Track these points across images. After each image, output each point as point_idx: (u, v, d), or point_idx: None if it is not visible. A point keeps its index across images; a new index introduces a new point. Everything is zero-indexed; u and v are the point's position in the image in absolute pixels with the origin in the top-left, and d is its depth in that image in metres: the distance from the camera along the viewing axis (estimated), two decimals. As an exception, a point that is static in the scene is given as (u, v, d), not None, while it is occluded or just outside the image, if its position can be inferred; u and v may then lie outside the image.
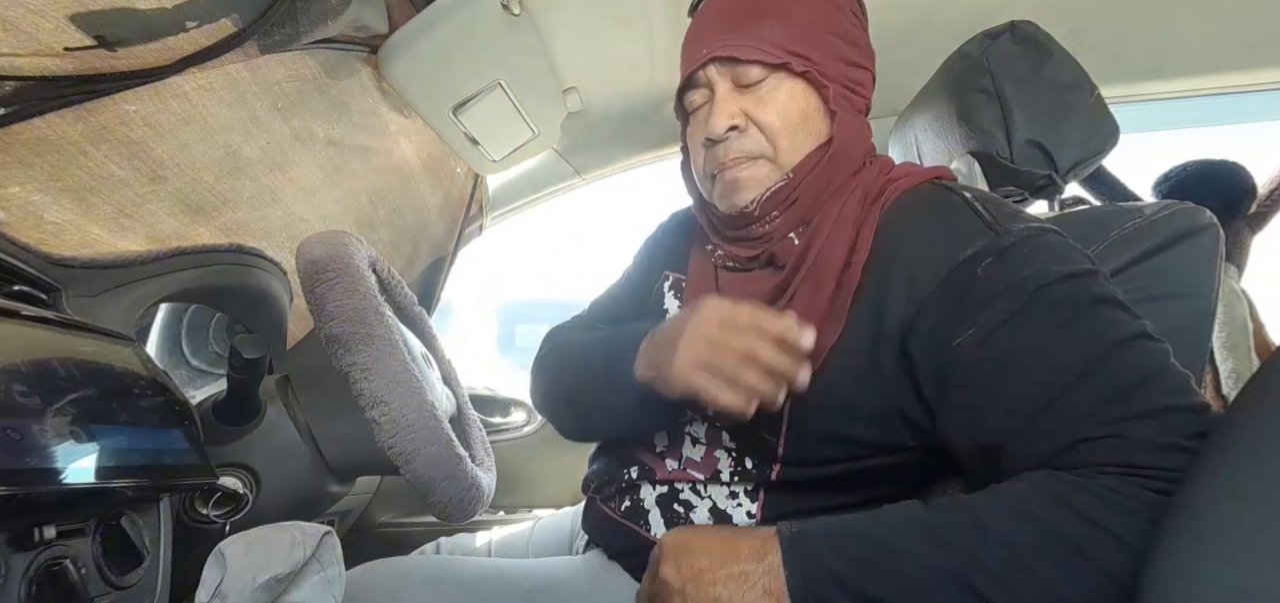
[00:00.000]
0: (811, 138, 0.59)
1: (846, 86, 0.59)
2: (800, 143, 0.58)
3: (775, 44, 0.56)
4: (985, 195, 0.54)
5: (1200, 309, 0.52)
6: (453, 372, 0.94)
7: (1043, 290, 0.46)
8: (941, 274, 0.50)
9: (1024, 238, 0.49)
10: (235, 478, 0.73)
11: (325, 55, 0.76)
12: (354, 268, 0.64)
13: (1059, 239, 0.50)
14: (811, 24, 0.58)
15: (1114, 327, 0.44)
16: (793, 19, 0.57)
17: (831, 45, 0.58)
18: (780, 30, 0.57)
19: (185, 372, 1.04)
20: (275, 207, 0.88)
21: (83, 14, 0.50)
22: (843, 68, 0.59)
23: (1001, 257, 0.49)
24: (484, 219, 1.37)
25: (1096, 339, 0.44)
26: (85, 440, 0.50)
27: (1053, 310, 0.46)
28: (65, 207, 0.64)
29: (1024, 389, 0.45)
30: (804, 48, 0.57)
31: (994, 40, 0.71)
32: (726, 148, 0.59)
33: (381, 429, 0.59)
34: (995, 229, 0.50)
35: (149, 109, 0.62)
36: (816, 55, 0.57)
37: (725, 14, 0.59)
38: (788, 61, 0.56)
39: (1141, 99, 1.14)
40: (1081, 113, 0.69)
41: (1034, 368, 0.45)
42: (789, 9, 0.57)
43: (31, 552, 0.47)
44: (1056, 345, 0.45)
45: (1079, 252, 0.49)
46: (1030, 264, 0.48)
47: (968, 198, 0.54)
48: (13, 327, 0.52)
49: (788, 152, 0.58)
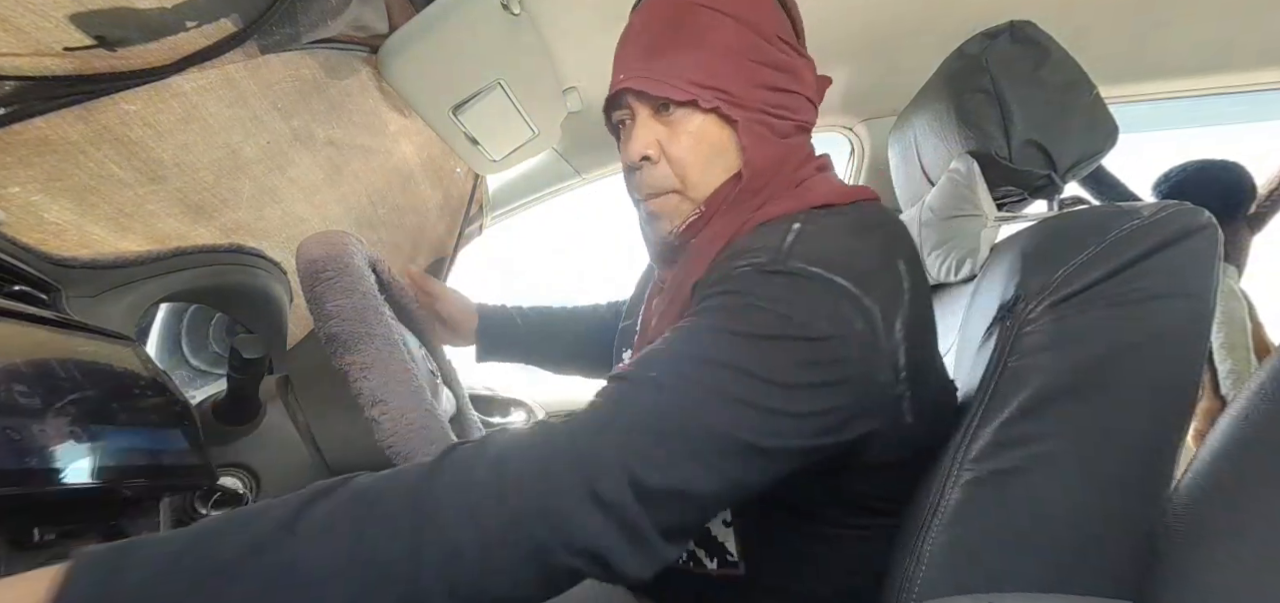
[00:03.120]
0: (723, 170, 0.58)
1: (767, 113, 0.57)
2: (710, 176, 0.58)
3: (686, 78, 0.56)
4: (825, 234, 0.52)
5: (1199, 309, 0.52)
6: (453, 372, 0.94)
7: (694, 316, 0.49)
8: (701, 280, 0.53)
9: (775, 273, 0.48)
10: (235, 478, 0.73)
11: (325, 55, 0.76)
12: (353, 268, 0.64)
13: (812, 292, 0.47)
14: (727, 54, 0.56)
15: (687, 367, 0.45)
16: (706, 49, 0.56)
17: (749, 73, 0.57)
18: (692, 62, 0.56)
19: (185, 372, 1.04)
20: (275, 207, 0.88)
21: (83, 14, 0.50)
22: (763, 94, 0.57)
23: (738, 268, 0.50)
24: (484, 219, 1.37)
25: (668, 361, 0.46)
26: (85, 441, 0.50)
27: (685, 324, 0.48)
28: (65, 207, 0.64)
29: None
30: (717, 79, 0.56)
31: (993, 40, 0.72)
32: (641, 178, 0.60)
33: (381, 429, 0.59)
34: (775, 252, 0.49)
35: (149, 109, 0.62)
36: (733, 86, 0.56)
37: (642, 41, 0.59)
38: (695, 97, 0.56)
39: (1141, 99, 1.14)
40: (1080, 112, 0.69)
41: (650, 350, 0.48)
42: (702, 39, 0.56)
43: (31, 553, 0.47)
44: (657, 348, 0.47)
45: (790, 315, 0.46)
46: (734, 283, 0.49)
47: (797, 229, 0.52)
48: (13, 327, 0.52)
49: (697, 185, 0.58)
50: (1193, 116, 1.28)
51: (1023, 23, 0.72)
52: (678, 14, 0.57)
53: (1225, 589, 0.33)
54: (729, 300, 0.48)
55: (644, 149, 0.58)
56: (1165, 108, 1.18)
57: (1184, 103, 1.16)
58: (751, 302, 0.47)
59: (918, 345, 0.51)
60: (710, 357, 0.45)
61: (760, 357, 0.45)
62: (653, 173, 0.59)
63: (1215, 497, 0.36)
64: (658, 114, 0.58)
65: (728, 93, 0.56)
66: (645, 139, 0.58)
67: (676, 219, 0.60)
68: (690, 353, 0.46)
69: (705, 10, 0.56)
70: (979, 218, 0.69)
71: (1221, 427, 0.37)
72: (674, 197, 0.59)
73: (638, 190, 0.61)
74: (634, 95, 0.59)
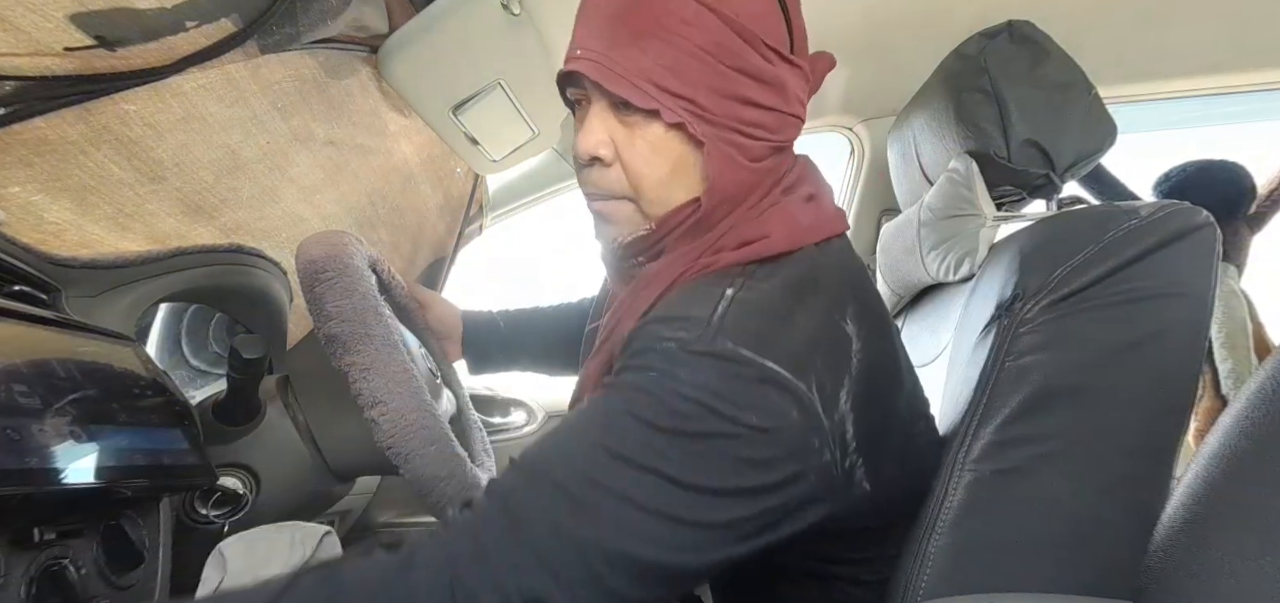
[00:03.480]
0: (682, 190, 0.51)
1: (739, 132, 0.49)
2: (667, 194, 0.51)
3: (650, 79, 0.47)
4: (760, 302, 0.46)
5: (1197, 309, 0.52)
6: (453, 372, 0.94)
7: (609, 388, 0.44)
8: (628, 336, 0.47)
9: (702, 355, 0.42)
10: (235, 478, 0.73)
11: (325, 55, 0.77)
12: (353, 268, 0.64)
13: (741, 378, 0.41)
14: (702, 57, 0.47)
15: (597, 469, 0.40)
16: (678, 48, 0.47)
17: (724, 82, 0.48)
18: (660, 62, 0.47)
19: (185, 372, 1.04)
20: (275, 206, 0.88)
21: (83, 14, 0.50)
22: (736, 109, 0.49)
23: (663, 342, 0.44)
24: (484, 219, 1.37)
25: (575, 456, 0.42)
26: (85, 441, 0.50)
27: (589, 417, 0.44)
28: (65, 207, 0.64)
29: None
30: (686, 87, 0.47)
31: (991, 40, 0.72)
32: (589, 177, 0.53)
33: (381, 429, 0.59)
34: (704, 326, 0.44)
35: (149, 109, 0.62)
36: (703, 97, 0.48)
37: (605, 12, 0.49)
38: (658, 108, 0.48)
39: (1140, 99, 1.14)
40: (1079, 112, 0.69)
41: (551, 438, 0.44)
42: (675, 35, 0.47)
43: (31, 552, 0.47)
44: (549, 447, 0.43)
45: (716, 407, 0.41)
46: (657, 360, 0.43)
47: (729, 296, 0.46)
48: (13, 327, 0.52)
49: (652, 202, 0.51)
50: (1193, 116, 1.28)
51: (1021, 23, 0.72)
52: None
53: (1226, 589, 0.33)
54: (649, 381, 0.42)
55: (596, 148, 0.51)
56: (1165, 108, 1.18)
57: (1184, 103, 1.16)
58: (675, 387, 0.41)
59: (872, 406, 0.47)
60: (624, 454, 0.40)
61: (681, 457, 0.40)
62: (604, 175, 0.52)
63: (1215, 496, 0.36)
64: (615, 109, 0.51)
65: (696, 105, 0.48)
66: (598, 136, 0.51)
67: (625, 228, 0.54)
68: (601, 447, 0.41)
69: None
70: (978, 217, 0.69)
71: (1222, 426, 0.37)
72: (626, 204, 0.53)
73: (586, 187, 0.55)
74: (589, 81, 0.50)
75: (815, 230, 0.52)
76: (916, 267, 0.78)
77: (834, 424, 0.44)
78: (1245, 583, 0.32)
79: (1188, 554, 0.36)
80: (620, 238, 0.54)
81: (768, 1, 0.50)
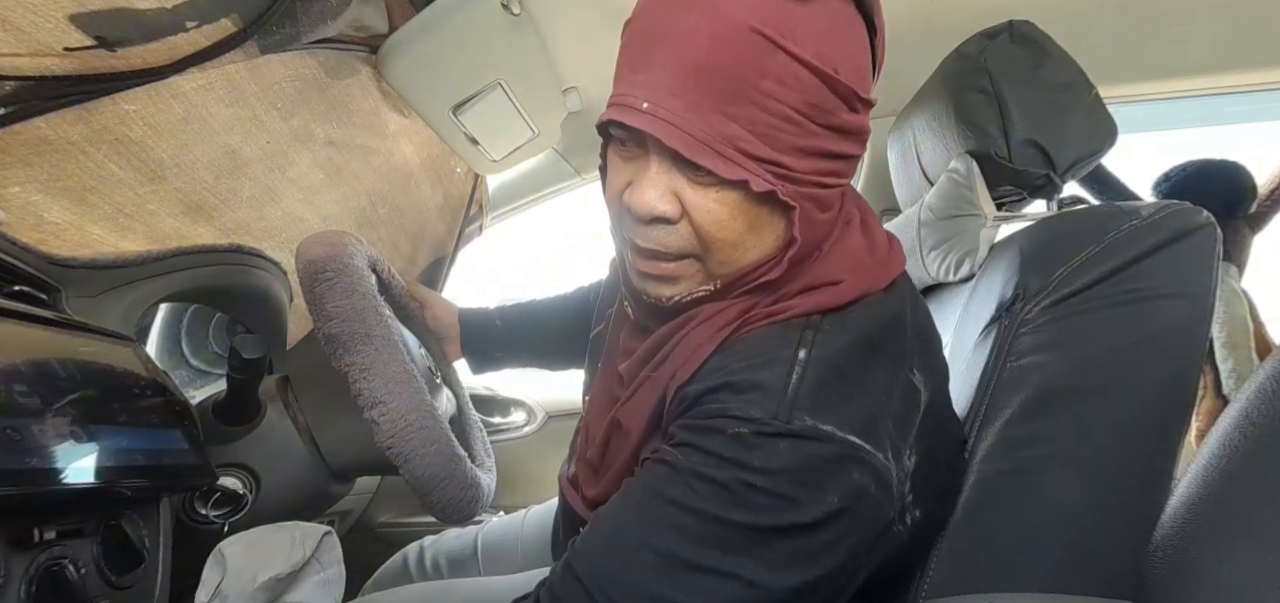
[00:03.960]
0: (756, 249, 0.45)
1: (820, 185, 0.44)
2: (740, 256, 0.45)
3: (737, 146, 0.41)
4: (835, 364, 0.43)
5: (1198, 309, 0.52)
6: (453, 372, 0.94)
7: (664, 462, 0.43)
8: (689, 394, 0.45)
9: (778, 437, 0.40)
10: (235, 478, 0.73)
11: (325, 55, 0.77)
12: (353, 268, 0.64)
13: (821, 458, 0.40)
14: (794, 119, 0.41)
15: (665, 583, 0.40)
16: (770, 112, 0.40)
17: (813, 142, 0.42)
18: (749, 127, 0.40)
19: (185, 372, 1.04)
20: (275, 207, 0.88)
21: (83, 14, 0.50)
22: (820, 163, 0.44)
23: (732, 422, 0.41)
24: (484, 219, 1.37)
25: (639, 568, 0.41)
26: (85, 441, 0.50)
27: (643, 481, 0.43)
28: (65, 207, 0.64)
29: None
30: (773, 152, 0.41)
31: (992, 40, 0.72)
32: (646, 235, 0.45)
33: (380, 429, 0.59)
34: (778, 400, 0.41)
35: (149, 109, 0.62)
36: (788, 159, 0.42)
37: (686, 74, 0.40)
38: (747, 178, 0.41)
39: (1141, 99, 1.14)
40: (1079, 112, 0.69)
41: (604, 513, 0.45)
42: (769, 98, 0.40)
43: (31, 553, 0.47)
44: (612, 511, 0.44)
45: (796, 497, 0.39)
46: (726, 445, 0.41)
47: (803, 360, 0.43)
48: (13, 327, 0.52)
49: (721, 264, 0.46)
50: (1193, 117, 1.28)
51: (1022, 23, 0.72)
52: (737, 50, 0.39)
53: (1226, 589, 0.33)
54: (720, 471, 0.40)
55: (661, 207, 0.43)
56: (1165, 108, 1.18)
57: (1184, 103, 1.16)
58: (749, 480, 0.39)
59: (930, 453, 0.46)
60: (699, 564, 0.39)
61: (760, 555, 0.39)
62: (666, 234, 0.45)
63: (1216, 496, 0.36)
64: (681, 163, 0.43)
65: (783, 168, 0.42)
66: (661, 192, 0.43)
67: (686, 287, 0.47)
68: (671, 557, 0.39)
69: (778, 53, 0.39)
70: (978, 217, 0.69)
71: (1222, 426, 0.37)
72: (691, 264, 0.46)
73: (636, 241, 0.47)
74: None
75: (881, 271, 0.49)
76: (917, 267, 0.78)
77: (899, 482, 0.43)
78: (1245, 582, 0.32)
79: (1188, 554, 0.36)
80: (680, 297, 0.48)
81: (863, 49, 0.44)
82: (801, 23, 0.40)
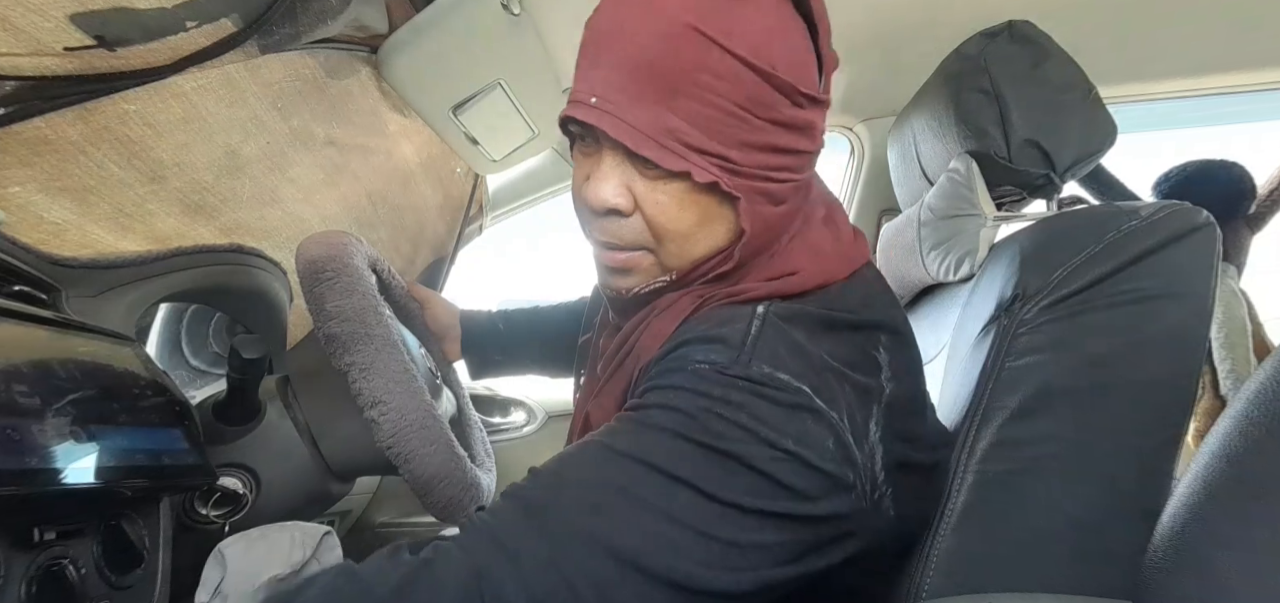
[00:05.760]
0: (708, 240, 0.48)
1: (770, 180, 0.46)
2: (691, 247, 0.48)
3: (679, 138, 0.43)
4: (792, 329, 0.45)
5: (1197, 309, 0.52)
6: (453, 372, 0.94)
7: (635, 408, 0.43)
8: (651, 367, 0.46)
9: (738, 378, 0.41)
10: (235, 478, 0.73)
11: (325, 55, 0.77)
12: (352, 268, 0.64)
13: (778, 403, 0.40)
14: (735, 112, 0.43)
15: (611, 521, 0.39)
16: (710, 105, 0.43)
17: (757, 135, 0.44)
18: (689, 120, 0.43)
19: (185, 372, 1.04)
20: (275, 207, 0.88)
21: (83, 14, 0.50)
22: (767, 158, 0.45)
23: (696, 362, 0.42)
24: (484, 219, 1.37)
25: (580, 463, 0.41)
26: (85, 441, 0.50)
27: (615, 431, 0.42)
28: (65, 207, 0.64)
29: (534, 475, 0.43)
30: (717, 145, 0.43)
31: (992, 40, 0.72)
32: (603, 227, 0.48)
33: (380, 429, 0.59)
34: (738, 349, 0.42)
35: (149, 109, 0.62)
36: (733, 152, 0.44)
37: (630, 69, 0.43)
38: (690, 169, 0.43)
39: (1141, 99, 1.14)
40: (1079, 112, 0.69)
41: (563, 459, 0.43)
42: (707, 91, 0.42)
43: (31, 552, 0.47)
44: (573, 457, 0.43)
45: (755, 429, 0.40)
46: (691, 378, 0.42)
47: (762, 314, 0.45)
48: (13, 327, 0.52)
49: (674, 255, 0.48)
50: (1193, 117, 1.28)
51: (1022, 23, 0.72)
52: (677, 45, 0.42)
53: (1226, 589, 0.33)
54: (682, 399, 0.41)
55: (613, 199, 0.46)
56: (1165, 108, 1.18)
57: (1184, 103, 1.16)
58: (709, 406, 0.40)
59: (900, 437, 0.46)
60: (656, 465, 0.39)
61: (717, 473, 0.39)
62: (621, 226, 0.47)
63: (1216, 496, 0.36)
64: (633, 158, 0.46)
65: (728, 161, 0.44)
66: (614, 186, 0.46)
67: (643, 279, 0.50)
68: (629, 457, 0.40)
69: (715, 49, 0.42)
70: (978, 217, 0.69)
71: (1222, 426, 0.37)
72: (646, 256, 0.49)
73: (595, 234, 0.50)
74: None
75: (842, 263, 0.51)
76: (916, 267, 0.78)
77: (865, 457, 0.43)
78: (1246, 582, 0.32)
79: (1187, 554, 0.36)
80: (638, 289, 0.50)
81: (804, 46, 0.46)
82: (738, 21, 0.43)
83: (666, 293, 0.51)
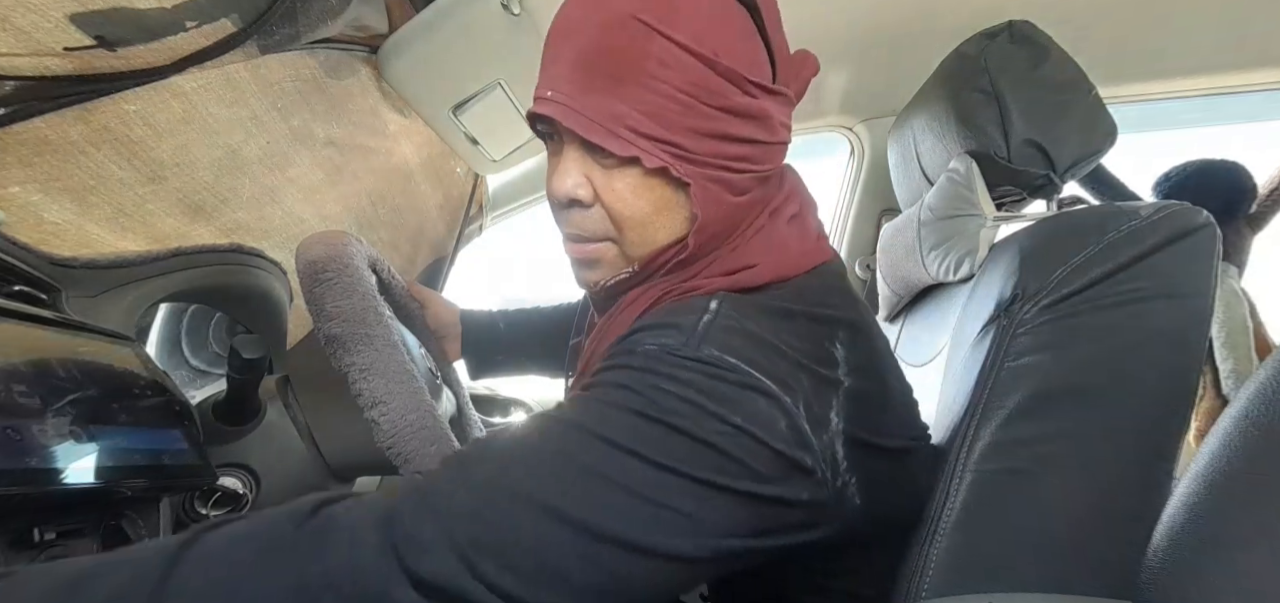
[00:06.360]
0: (666, 229, 0.49)
1: (726, 169, 0.47)
2: (651, 235, 0.49)
3: (627, 125, 0.45)
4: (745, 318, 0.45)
5: (1198, 309, 0.52)
6: (453, 372, 0.94)
7: (587, 388, 0.43)
8: None
9: (688, 359, 0.41)
10: (235, 478, 0.74)
11: (325, 55, 0.77)
12: (353, 268, 0.64)
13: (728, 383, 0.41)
14: (682, 99, 0.45)
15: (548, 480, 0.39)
16: (656, 92, 0.44)
17: (707, 123, 0.46)
18: (637, 107, 0.45)
19: (185, 372, 1.04)
20: (275, 207, 0.88)
21: (83, 14, 0.50)
22: (719, 146, 0.47)
23: (645, 345, 0.43)
24: (484, 219, 1.37)
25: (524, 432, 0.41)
26: (85, 441, 0.50)
27: (561, 406, 0.42)
28: (65, 207, 0.64)
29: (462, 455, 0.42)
30: (666, 131, 0.45)
31: (992, 40, 0.72)
32: (568, 219, 0.51)
33: (381, 430, 0.59)
34: (689, 333, 0.43)
35: (149, 109, 0.62)
36: (684, 139, 0.45)
37: (573, 52, 0.46)
38: (638, 155, 0.45)
39: (1141, 99, 1.14)
40: (1079, 112, 0.69)
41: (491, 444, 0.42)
42: (652, 78, 0.44)
43: (31, 553, 0.47)
44: (515, 427, 0.43)
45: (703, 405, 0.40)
46: (640, 359, 0.42)
47: (714, 309, 0.45)
48: (13, 327, 0.52)
49: (635, 244, 0.50)
50: (1193, 116, 1.28)
51: (1022, 23, 0.72)
52: (621, 35, 0.44)
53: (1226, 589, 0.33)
54: (633, 377, 0.41)
55: (573, 191, 0.48)
56: (1165, 108, 1.18)
57: (1184, 103, 1.16)
58: (659, 383, 0.40)
59: (863, 428, 0.46)
60: (605, 436, 0.39)
61: (666, 445, 0.39)
62: (583, 217, 0.50)
63: (1216, 496, 0.36)
64: (592, 150, 0.48)
65: (678, 148, 0.46)
66: (574, 178, 0.48)
67: (608, 271, 0.52)
68: (576, 428, 0.40)
69: (657, 37, 0.44)
70: (978, 217, 0.69)
71: (1222, 426, 0.37)
72: (609, 247, 0.51)
73: (564, 227, 0.52)
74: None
75: (802, 259, 0.52)
76: (916, 267, 0.78)
77: (824, 444, 0.43)
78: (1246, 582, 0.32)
79: (1188, 554, 0.36)
80: (603, 281, 0.52)
81: (748, 37, 0.48)
82: (680, 11, 0.45)
83: (633, 287, 0.52)
